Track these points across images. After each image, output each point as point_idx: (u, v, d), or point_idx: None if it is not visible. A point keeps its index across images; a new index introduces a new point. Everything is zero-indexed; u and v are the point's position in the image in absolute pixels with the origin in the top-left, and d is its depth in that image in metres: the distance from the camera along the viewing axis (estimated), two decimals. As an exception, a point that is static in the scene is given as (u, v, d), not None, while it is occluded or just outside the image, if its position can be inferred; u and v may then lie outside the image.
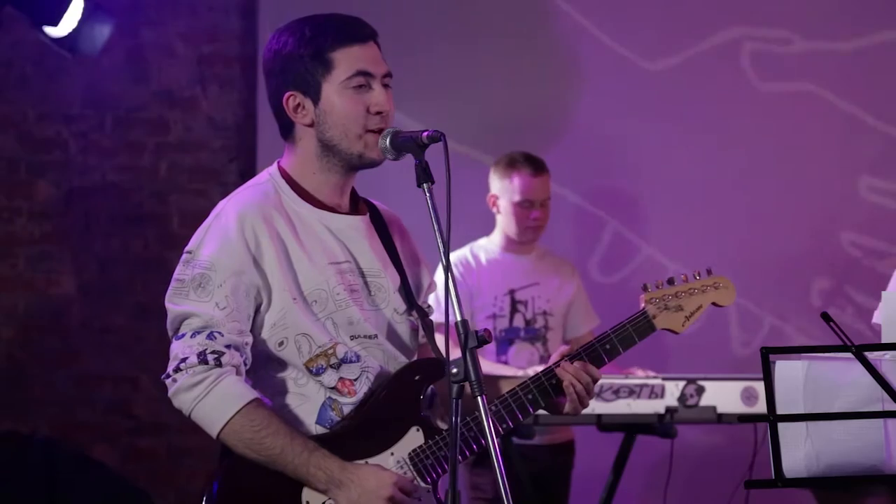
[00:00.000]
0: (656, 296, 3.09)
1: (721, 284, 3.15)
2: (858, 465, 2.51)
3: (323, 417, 2.90)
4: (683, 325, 3.11)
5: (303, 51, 2.89)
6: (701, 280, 3.14)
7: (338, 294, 2.90)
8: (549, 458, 5.21)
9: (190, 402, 2.80)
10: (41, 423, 6.07)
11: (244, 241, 2.85)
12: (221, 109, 6.31)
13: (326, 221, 2.94)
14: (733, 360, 5.97)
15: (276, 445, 2.79)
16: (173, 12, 6.29)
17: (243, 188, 2.99)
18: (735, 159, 6.22)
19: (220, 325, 2.81)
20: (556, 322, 5.20)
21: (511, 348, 5.13)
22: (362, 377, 2.91)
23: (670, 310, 3.09)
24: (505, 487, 2.53)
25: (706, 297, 3.13)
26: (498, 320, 5.13)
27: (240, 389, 2.80)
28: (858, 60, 6.25)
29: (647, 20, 6.24)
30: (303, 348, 2.88)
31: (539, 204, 5.13)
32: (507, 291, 5.16)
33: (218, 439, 2.84)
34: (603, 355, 3.01)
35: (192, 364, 2.79)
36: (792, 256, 6.19)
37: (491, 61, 6.17)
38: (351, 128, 2.89)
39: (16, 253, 6.24)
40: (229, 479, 2.85)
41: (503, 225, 5.19)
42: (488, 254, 5.20)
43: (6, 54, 6.23)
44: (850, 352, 2.49)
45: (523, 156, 5.18)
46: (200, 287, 2.83)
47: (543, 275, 5.22)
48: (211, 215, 2.93)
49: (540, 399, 2.96)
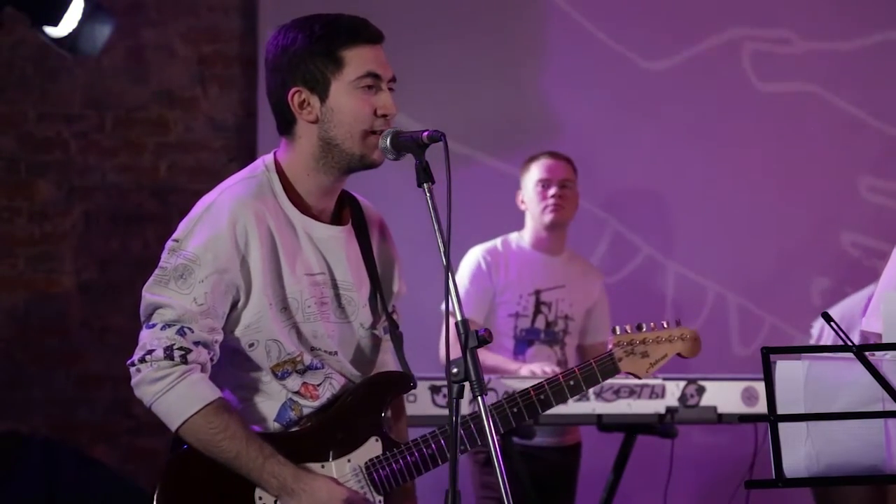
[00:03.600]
0: (624, 339, 3.17)
1: (688, 336, 3.23)
2: (859, 465, 2.51)
3: (282, 416, 2.92)
4: (647, 370, 3.19)
5: (313, 47, 2.88)
6: (668, 330, 3.22)
7: (308, 306, 2.91)
8: (556, 460, 5.20)
9: (151, 395, 2.82)
10: (41, 423, 6.06)
11: (234, 239, 2.84)
12: (221, 109, 6.31)
13: (309, 229, 2.94)
14: (733, 360, 5.97)
15: (231, 449, 2.81)
16: (173, 12, 6.29)
17: (237, 179, 2.96)
18: (735, 159, 6.22)
19: (192, 321, 2.80)
20: (575, 327, 5.20)
21: (530, 349, 5.12)
22: (325, 383, 2.94)
23: (636, 355, 3.17)
24: (506, 487, 2.53)
25: (672, 348, 3.21)
26: (520, 319, 5.13)
27: (201, 390, 2.81)
28: (858, 60, 6.25)
29: (648, 20, 6.24)
30: (272, 353, 2.89)
31: (558, 183, 5.14)
32: (533, 291, 5.16)
33: (176, 434, 2.86)
34: (566, 391, 3.08)
35: (157, 358, 2.80)
36: (792, 256, 6.20)
37: (489, 61, 6.17)
38: (356, 128, 2.89)
39: (16, 253, 6.24)
40: (184, 467, 2.88)
41: (530, 216, 5.21)
42: (519, 248, 5.21)
43: (6, 54, 6.23)
44: (850, 352, 2.49)
45: (544, 151, 5.26)
46: (181, 278, 2.82)
47: (571, 278, 5.21)
48: (201, 205, 2.91)
49: (501, 427, 3.01)
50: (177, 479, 2.89)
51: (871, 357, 2.48)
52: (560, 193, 5.13)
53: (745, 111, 6.24)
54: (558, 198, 5.13)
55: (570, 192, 5.18)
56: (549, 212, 5.14)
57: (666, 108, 6.18)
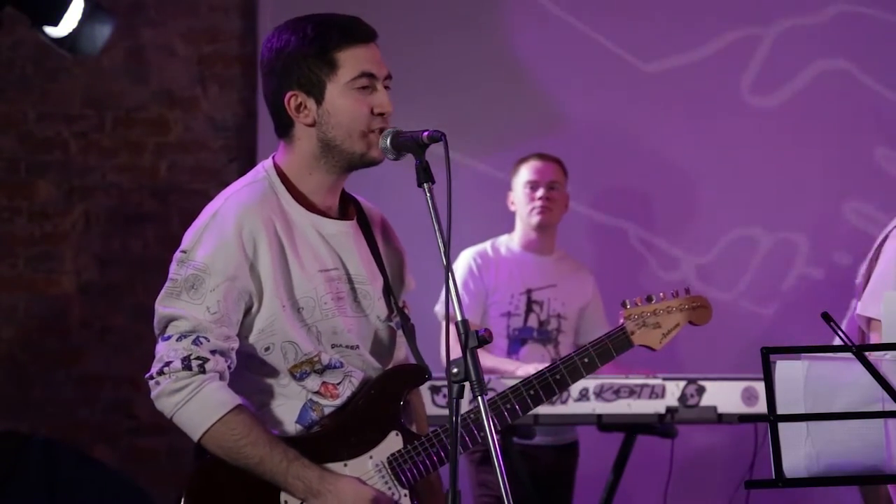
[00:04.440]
0: (635, 312, 3.16)
1: (699, 304, 3.22)
2: (859, 465, 2.51)
3: (303, 417, 2.91)
4: (661, 341, 3.17)
5: (306, 50, 2.88)
6: (679, 299, 3.21)
7: (325, 303, 2.90)
8: (553, 459, 5.22)
9: (171, 407, 2.81)
10: (41, 423, 6.06)
11: (241, 245, 2.84)
12: (221, 109, 6.31)
13: (318, 226, 2.93)
14: (733, 360, 5.96)
15: (254, 455, 2.80)
16: (173, 12, 6.29)
17: (240, 186, 2.96)
18: (736, 160, 6.22)
19: (207, 331, 2.80)
20: (568, 326, 5.22)
21: (523, 348, 5.15)
22: (345, 381, 2.92)
23: (648, 326, 3.15)
24: (506, 486, 2.53)
25: (684, 316, 3.20)
26: (512, 318, 5.16)
27: (221, 397, 2.81)
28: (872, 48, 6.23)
29: (645, 20, 6.24)
30: (288, 355, 2.88)
31: (546, 185, 5.19)
32: (525, 290, 5.20)
33: (199, 444, 2.85)
34: (581, 368, 3.06)
35: (175, 369, 2.80)
36: (792, 256, 6.19)
37: (489, 61, 6.17)
38: (354, 128, 2.88)
39: (16, 253, 6.24)
40: (210, 475, 2.87)
41: (519, 217, 5.26)
42: (509, 251, 5.26)
43: (6, 54, 6.23)
44: (850, 352, 2.49)
45: (533, 153, 5.30)
46: (193, 288, 2.82)
47: (561, 277, 5.26)
48: (206, 213, 2.91)
49: (519, 410, 3.00)
50: (202, 487, 2.87)
51: (871, 357, 2.48)
52: (548, 195, 5.19)
53: (750, 110, 6.24)
54: (546, 199, 5.18)
55: (558, 193, 5.23)
56: (536, 213, 5.19)
57: (666, 106, 6.18)
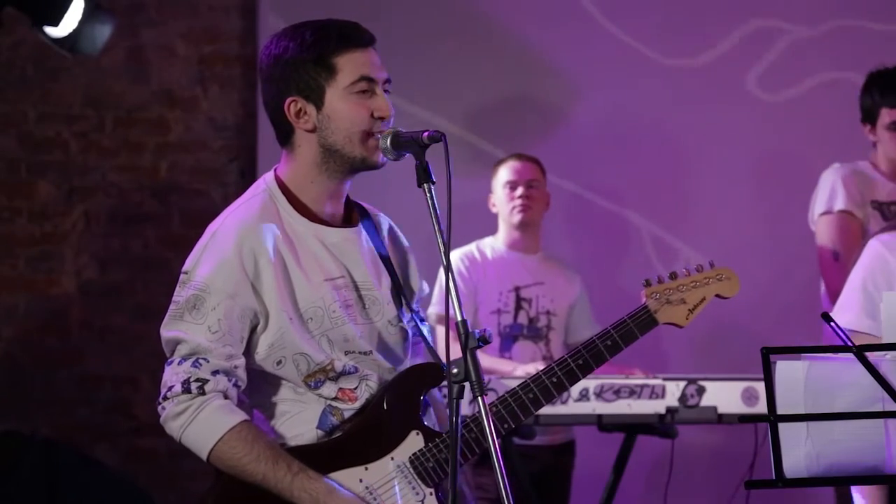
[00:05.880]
0: (658, 290, 3.04)
1: (724, 276, 3.08)
2: (859, 466, 2.51)
3: (324, 422, 2.91)
4: (687, 318, 3.05)
5: (305, 56, 2.87)
6: (704, 272, 3.08)
7: (333, 311, 2.89)
8: (549, 459, 5.23)
9: (177, 430, 2.85)
10: (41, 423, 6.06)
11: (241, 263, 2.83)
12: (221, 109, 6.31)
13: (321, 236, 2.93)
14: (733, 360, 5.96)
15: (257, 472, 2.81)
16: (173, 12, 6.29)
17: (240, 203, 2.96)
18: (739, 159, 6.22)
19: (206, 352, 2.81)
20: (558, 323, 5.28)
21: (515, 345, 5.21)
22: (362, 385, 2.92)
23: (672, 303, 3.04)
24: (506, 488, 2.53)
25: (710, 289, 3.07)
26: (502, 316, 5.22)
27: (221, 417, 2.81)
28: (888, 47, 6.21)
29: (660, 15, 6.24)
30: (301, 366, 2.88)
31: (525, 184, 5.26)
32: (513, 288, 5.26)
33: (208, 462, 2.86)
34: (604, 351, 2.98)
35: (176, 393, 2.82)
36: (793, 256, 6.19)
37: (497, 57, 6.17)
38: (354, 132, 2.88)
39: (16, 253, 6.24)
40: (225, 490, 2.87)
41: (501, 218, 5.33)
42: (494, 251, 5.32)
43: (6, 54, 6.23)
44: (850, 352, 2.49)
45: (511, 154, 5.40)
46: (195, 308, 2.82)
47: (548, 275, 5.33)
48: (207, 233, 2.91)
49: (542, 398, 2.96)
50: (225, 498, 2.88)
51: (871, 357, 2.48)
52: (527, 194, 5.26)
53: (761, 109, 6.24)
54: (525, 198, 5.25)
55: (537, 192, 5.30)
56: (517, 212, 5.26)
57: (678, 102, 6.18)
